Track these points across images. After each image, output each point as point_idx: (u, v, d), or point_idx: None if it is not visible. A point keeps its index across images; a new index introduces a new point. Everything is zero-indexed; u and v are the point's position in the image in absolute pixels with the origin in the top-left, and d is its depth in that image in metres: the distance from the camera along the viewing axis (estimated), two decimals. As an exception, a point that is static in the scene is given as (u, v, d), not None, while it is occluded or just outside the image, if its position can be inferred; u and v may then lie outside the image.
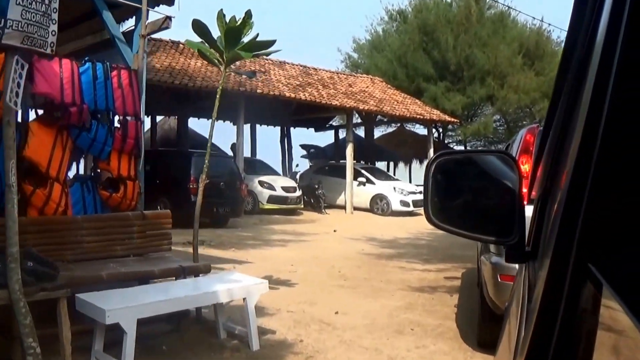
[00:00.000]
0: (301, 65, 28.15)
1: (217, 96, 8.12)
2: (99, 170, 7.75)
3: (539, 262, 1.35)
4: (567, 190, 0.94)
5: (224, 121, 28.66)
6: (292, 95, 22.80)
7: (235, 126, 22.84)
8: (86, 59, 7.25)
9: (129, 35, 8.47)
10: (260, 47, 7.83)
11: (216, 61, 7.96)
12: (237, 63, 9.80)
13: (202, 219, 17.83)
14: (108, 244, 7.03)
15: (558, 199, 1.11)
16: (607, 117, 0.76)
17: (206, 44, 7.88)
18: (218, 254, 12.65)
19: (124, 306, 5.25)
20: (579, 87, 1.15)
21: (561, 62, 1.60)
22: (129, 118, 7.53)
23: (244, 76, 21.38)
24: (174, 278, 6.81)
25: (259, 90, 21.44)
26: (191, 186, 17.01)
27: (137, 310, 5.31)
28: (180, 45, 22.74)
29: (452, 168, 1.93)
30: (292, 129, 32.38)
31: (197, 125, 35.41)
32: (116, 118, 7.66)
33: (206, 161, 8.12)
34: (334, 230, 18.69)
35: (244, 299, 6.25)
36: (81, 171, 10.76)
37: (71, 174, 7.76)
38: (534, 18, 46.84)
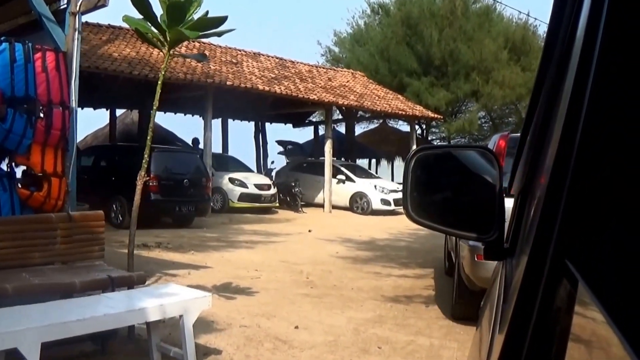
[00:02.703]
0: (277, 58, 27.24)
1: (159, 82, 7.22)
2: (14, 165, 6.72)
3: (517, 258, 1.36)
4: (546, 186, 0.97)
5: (192, 115, 27.66)
6: (266, 89, 21.81)
7: (204, 120, 21.61)
8: (2, 39, 6.26)
9: (63, 15, 7.48)
10: (208, 25, 6.84)
11: (158, 42, 7.00)
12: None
13: (163, 218, 17.14)
14: (24, 250, 6.02)
15: (537, 195, 1.14)
16: (587, 114, 0.78)
17: (148, 24, 6.91)
18: (174, 257, 11.68)
19: (24, 327, 4.27)
20: (559, 83, 1.16)
21: (542, 58, 1.52)
22: (54, 107, 6.51)
23: (212, 65, 20.43)
24: (101, 291, 5.81)
25: (228, 82, 20.37)
26: (150, 184, 16.00)
27: (41, 333, 4.32)
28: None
29: (432, 163, 1.95)
30: (268, 124, 31.41)
31: (163, 119, 34.25)
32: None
33: (145, 156, 7.14)
34: (309, 231, 17.71)
35: (180, 316, 5.29)
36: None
37: None
38: (520, 12, 46.13)
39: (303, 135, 40.64)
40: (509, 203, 1.74)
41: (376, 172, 32.64)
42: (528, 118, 1.73)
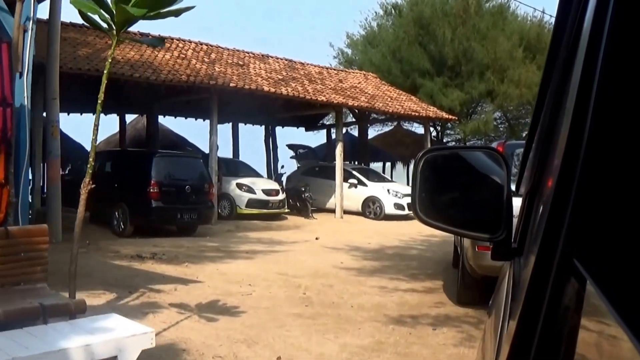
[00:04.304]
0: (286, 60, 26.32)
1: (105, 71, 6.27)
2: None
3: (525, 258, 1.38)
4: (554, 186, 0.99)
5: (203, 120, 26.78)
6: (272, 90, 20.86)
7: (209, 124, 20.65)
8: None
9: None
10: (158, 1, 5.85)
11: (105, 26, 6.07)
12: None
13: (166, 226, 16.31)
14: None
15: (545, 195, 1.16)
16: (593, 114, 0.78)
17: (97, 6, 5.97)
18: (166, 269, 10.77)
19: None
20: (565, 83, 1.16)
21: (548, 58, 1.60)
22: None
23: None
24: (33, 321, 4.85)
25: (232, 84, 19.44)
26: (151, 190, 15.22)
27: None
28: (149, 36, 20.92)
29: (440, 164, 1.94)
30: (280, 128, 30.87)
31: (174, 123, 33.50)
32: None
33: (90, 160, 6.13)
34: (316, 238, 16.71)
35: (115, 357, 4.32)
36: None
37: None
38: (534, 9, 44.85)
39: (318, 139, 39.96)
40: (516, 203, 1.72)
41: (391, 176, 31.83)
42: (535, 119, 1.77)
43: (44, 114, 13.93)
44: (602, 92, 0.76)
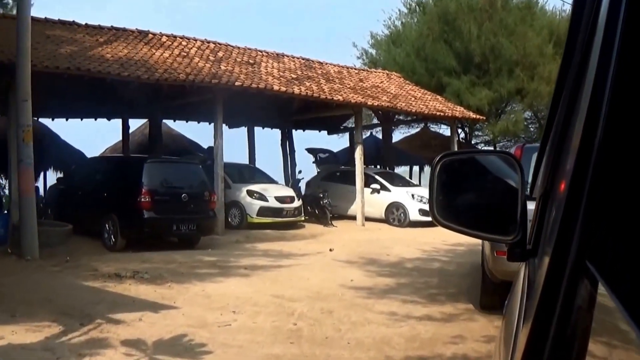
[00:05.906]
0: (303, 58, 24.96)
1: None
2: None
3: (539, 259, 1.42)
4: (567, 189, 1.02)
5: (209, 123, 25.49)
6: (283, 89, 19.45)
7: (214, 126, 19.24)
8: None
9: None
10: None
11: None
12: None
13: (168, 239, 14.92)
14: None
15: (559, 198, 1.18)
16: (606, 118, 0.82)
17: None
18: (142, 292, 9.36)
19: None
20: (578, 87, 1.18)
21: (562, 62, 1.55)
22: None
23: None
24: None
25: (237, 83, 18.01)
26: (142, 200, 13.84)
27: None
28: (150, 34, 19.62)
29: (457, 168, 2.02)
30: (301, 131, 29.60)
31: (186, 128, 32.39)
32: None
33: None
34: (330, 250, 15.18)
35: None
36: None
37: None
38: (564, 3, 43.16)
39: (342, 143, 38.38)
40: (530, 205, 1.73)
41: (419, 179, 30.92)
42: (549, 122, 1.78)
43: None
44: (614, 96, 0.78)
